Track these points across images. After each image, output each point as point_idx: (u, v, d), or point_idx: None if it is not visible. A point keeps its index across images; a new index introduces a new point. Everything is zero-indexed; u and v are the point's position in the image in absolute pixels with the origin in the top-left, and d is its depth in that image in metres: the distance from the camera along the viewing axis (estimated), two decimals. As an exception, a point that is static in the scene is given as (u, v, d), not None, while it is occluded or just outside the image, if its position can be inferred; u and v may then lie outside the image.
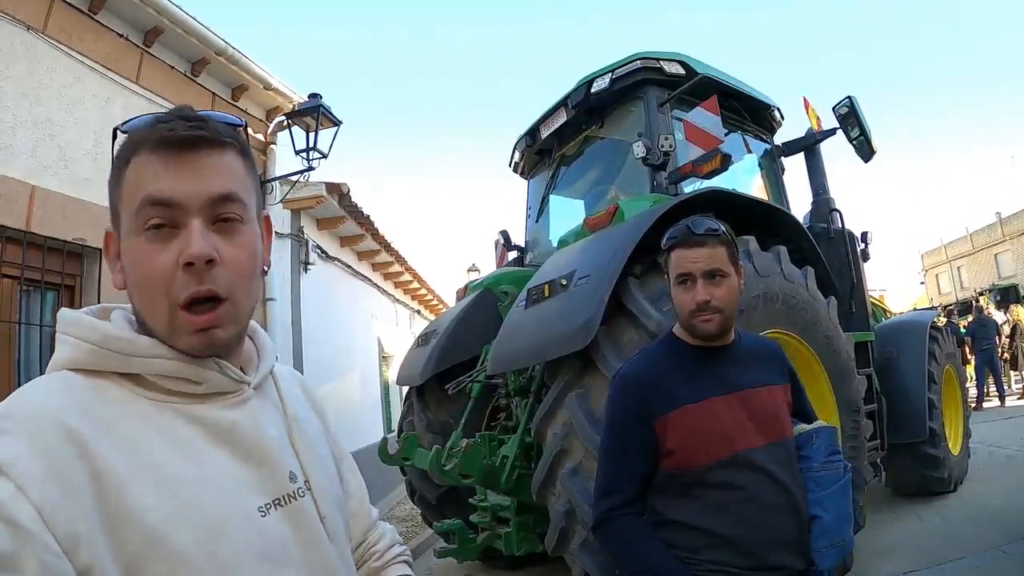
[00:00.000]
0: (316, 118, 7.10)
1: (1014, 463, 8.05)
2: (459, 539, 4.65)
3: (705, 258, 1.96)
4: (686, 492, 1.94)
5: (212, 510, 0.92)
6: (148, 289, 0.96)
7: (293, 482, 1.06)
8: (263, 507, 0.99)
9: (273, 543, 0.97)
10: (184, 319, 0.96)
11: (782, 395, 2.07)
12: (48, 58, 4.94)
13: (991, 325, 15.30)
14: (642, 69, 5.05)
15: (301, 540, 1.02)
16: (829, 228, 5.85)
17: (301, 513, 1.04)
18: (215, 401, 1.02)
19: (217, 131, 1.01)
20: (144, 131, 0.99)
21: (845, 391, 4.46)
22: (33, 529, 0.76)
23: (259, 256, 1.08)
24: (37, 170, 4.72)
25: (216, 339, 0.99)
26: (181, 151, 0.97)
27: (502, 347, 4.19)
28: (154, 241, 0.95)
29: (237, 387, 1.06)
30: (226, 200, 0.99)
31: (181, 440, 0.95)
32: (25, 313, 4.75)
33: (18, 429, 0.83)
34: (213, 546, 0.89)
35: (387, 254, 11.79)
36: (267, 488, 1.01)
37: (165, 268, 0.94)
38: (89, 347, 0.96)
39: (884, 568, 5.02)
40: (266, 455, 1.03)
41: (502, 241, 6.71)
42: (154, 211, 0.95)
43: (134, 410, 0.95)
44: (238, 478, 0.98)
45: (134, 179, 0.97)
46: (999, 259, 41.19)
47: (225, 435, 1.00)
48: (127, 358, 0.96)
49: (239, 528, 0.94)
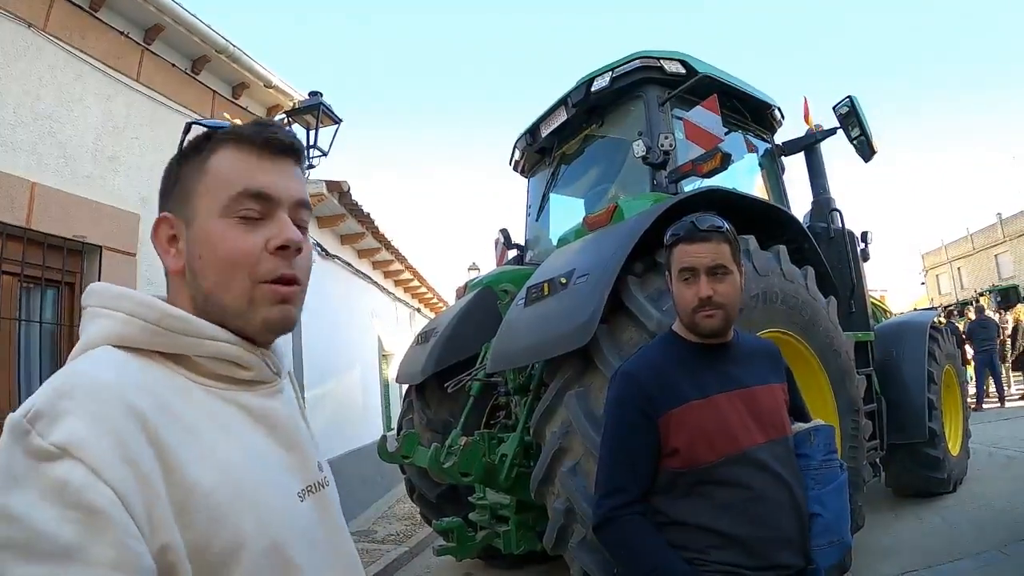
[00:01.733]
0: (316, 116, 7.12)
1: (1014, 464, 8.05)
2: (458, 537, 4.65)
3: (709, 254, 1.95)
4: (691, 491, 1.92)
5: (263, 492, 0.95)
6: (231, 265, 1.02)
7: (321, 471, 1.13)
8: (300, 492, 1.04)
9: (308, 527, 1.02)
10: (268, 289, 1.03)
11: (781, 393, 2.07)
12: (49, 55, 4.95)
13: (991, 325, 15.29)
14: (642, 68, 5.05)
15: (327, 527, 1.08)
16: (829, 228, 5.85)
17: (327, 501, 1.11)
18: (255, 389, 1.07)
19: (302, 148, 1.16)
20: (246, 130, 1.07)
21: (845, 391, 4.45)
22: (112, 512, 0.75)
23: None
24: (38, 167, 4.73)
25: (291, 316, 1.07)
26: (281, 155, 1.08)
27: (501, 345, 4.19)
28: (243, 224, 1.03)
29: (274, 378, 1.11)
30: (304, 206, 1.11)
31: (230, 424, 0.99)
32: (25, 310, 4.76)
33: (80, 409, 0.81)
34: (267, 526, 0.93)
35: (387, 252, 11.79)
36: (301, 475, 1.07)
37: (254, 247, 1.02)
38: (140, 323, 0.97)
39: (883, 568, 5.02)
40: (300, 443, 1.10)
41: (502, 239, 6.71)
42: (251, 202, 1.03)
43: (184, 391, 0.96)
44: (280, 463, 1.04)
45: (227, 169, 1.05)
46: (999, 260, 41.23)
47: (266, 421, 1.05)
48: (178, 337, 0.98)
49: (285, 510, 0.99)
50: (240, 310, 1.02)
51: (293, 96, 7.60)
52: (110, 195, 5.35)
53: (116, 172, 5.46)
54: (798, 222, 5.03)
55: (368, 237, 10.62)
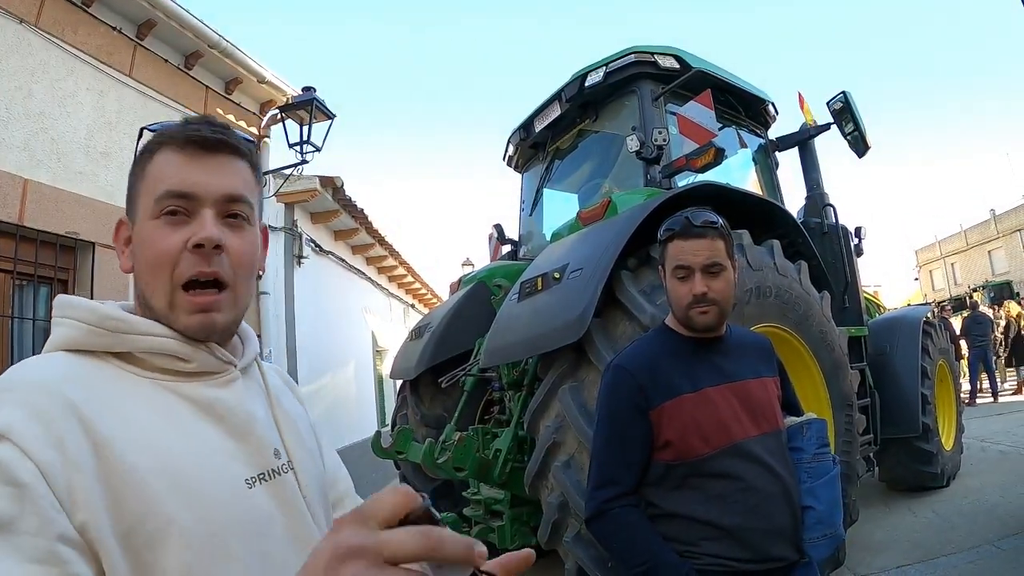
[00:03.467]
0: (310, 111, 7.10)
1: (1007, 459, 8.07)
2: (452, 533, 4.64)
3: (704, 251, 1.96)
4: (684, 483, 1.93)
5: (202, 479, 0.96)
6: (155, 266, 1.04)
7: (278, 458, 1.11)
8: (249, 480, 1.04)
9: (259, 515, 1.02)
10: (183, 299, 1.04)
11: (773, 387, 2.08)
12: (41, 51, 4.93)
13: (985, 321, 15.33)
14: (636, 63, 5.03)
15: (285, 514, 1.07)
16: (823, 223, 5.85)
17: (285, 487, 1.10)
18: (202, 380, 1.08)
19: (236, 140, 1.13)
20: (173, 130, 1.09)
21: (838, 386, 4.46)
22: (34, 484, 0.80)
23: (258, 256, 1.18)
24: (30, 164, 4.71)
25: (215, 323, 1.07)
26: (204, 151, 1.08)
27: (495, 340, 4.19)
28: (168, 225, 1.04)
29: (224, 368, 1.12)
30: (236, 200, 1.10)
31: (171, 414, 1.01)
32: (18, 307, 4.74)
33: (17, 399, 0.87)
34: (203, 513, 0.94)
35: (381, 248, 11.79)
36: (253, 462, 1.06)
37: (174, 248, 1.03)
38: (85, 327, 1.02)
39: (877, 562, 5.04)
40: (251, 430, 1.09)
41: (496, 235, 6.70)
42: (173, 201, 1.05)
43: (126, 385, 1.01)
44: (225, 451, 1.03)
45: (157, 171, 1.07)
46: (993, 256, 41.29)
47: (211, 411, 1.05)
48: (119, 336, 1.02)
49: (226, 498, 0.99)
50: (164, 313, 1.05)
51: (286, 91, 7.58)
52: (103, 191, 5.33)
53: (108, 168, 5.44)
54: (792, 217, 5.04)
55: (362, 233, 10.61)
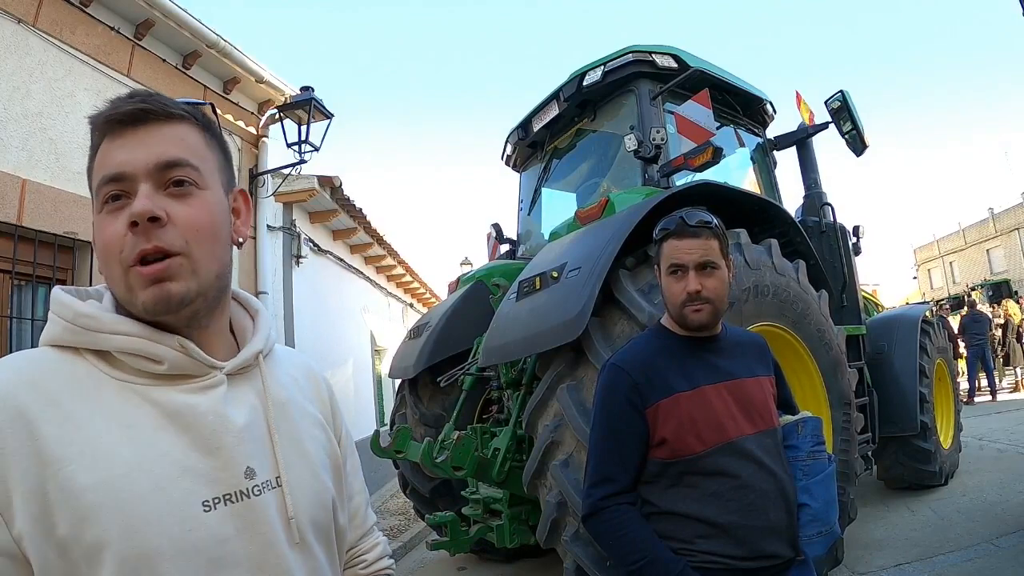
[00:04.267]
0: (308, 111, 7.10)
1: (1004, 457, 8.08)
2: (451, 531, 4.65)
3: (698, 249, 1.97)
4: (679, 481, 1.94)
5: (144, 497, 0.91)
6: (105, 256, 1.00)
7: (249, 478, 1.03)
8: (209, 501, 0.97)
9: (209, 540, 0.95)
10: (135, 272, 0.98)
11: (768, 386, 2.09)
12: (39, 51, 4.92)
13: (984, 320, 15.34)
14: (634, 62, 5.04)
15: (249, 541, 0.99)
16: (821, 222, 5.88)
17: (253, 512, 1.01)
18: (179, 384, 1.02)
19: (163, 104, 1.05)
20: (96, 116, 1.04)
21: (836, 384, 4.47)
22: None
23: (220, 220, 1.08)
24: (28, 163, 4.71)
25: (171, 292, 0.99)
26: (127, 127, 1.02)
27: (494, 339, 4.19)
28: (110, 213, 1.00)
29: (204, 371, 1.05)
30: (173, 165, 1.02)
31: (132, 423, 0.96)
32: (17, 307, 4.74)
33: None
34: (136, 534, 0.89)
35: (380, 247, 11.79)
36: (218, 481, 0.99)
37: (117, 233, 0.98)
38: (63, 323, 1.00)
39: (875, 561, 5.04)
40: (222, 445, 1.01)
41: (494, 234, 6.71)
42: (109, 187, 1.00)
43: (92, 389, 0.97)
44: (186, 468, 0.97)
45: (96, 162, 1.03)
46: (991, 254, 41.31)
47: (179, 420, 0.99)
48: (92, 334, 0.99)
49: (170, 519, 0.92)
50: (126, 299, 1.01)
51: (284, 91, 7.58)
52: (101, 191, 5.31)
53: (107, 168, 5.42)
54: (790, 216, 5.04)
55: (360, 232, 10.61)
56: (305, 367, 1.34)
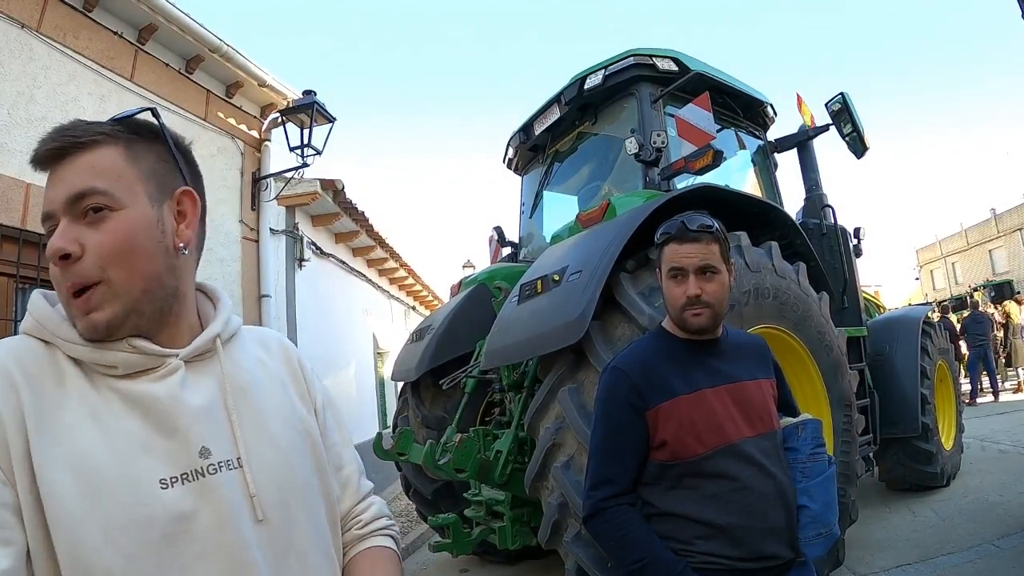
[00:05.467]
0: (310, 115, 7.12)
1: (1007, 458, 8.08)
2: (454, 533, 4.65)
3: (698, 254, 1.99)
4: (679, 483, 1.96)
5: (104, 472, 0.96)
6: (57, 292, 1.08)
7: (204, 457, 1.06)
8: (166, 479, 1.01)
9: (165, 515, 0.99)
10: (72, 304, 1.06)
11: (769, 388, 2.11)
12: (43, 56, 4.95)
13: (985, 321, 15.32)
14: (635, 66, 5.06)
15: (207, 518, 1.03)
16: (822, 224, 5.87)
17: (212, 490, 1.05)
18: (139, 377, 1.08)
19: (73, 136, 1.09)
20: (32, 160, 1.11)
21: (837, 386, 4.47)
22: None
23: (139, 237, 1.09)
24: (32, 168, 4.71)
25: (96, 322, 1.05)
26: (49, 165, 1.09)
27: (495, 342, 4.21)
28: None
29: (159, 362, 1.09)
30: (82, 196, 1.06)
31: (97, 406, 1.02)
32: (21, 311, 4.75)
33: None
34: (95, 504, 0.94)
35: (382, 250, 11.80)
36: (175, 461, 1.03)
37: (55, 274, 1.05)
38: (33, 320, 1.09)
39: (877, 562, 5.05)
40: (177, 427, 1.05)
41: (496, 237, 6.73)
42: (47, 226, 1.08)
43: (62, 375, 1.04)
44: (147, 447, 1.02)
45: None
46: (993, 255, 41.22)
47: (139, 406, 1.04)
48: (54, 338, 1.06)
49: (129, 493, 0.97)
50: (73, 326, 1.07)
51: (287, 95, 7.60)
52: (105, 195, 5.33)
53: (110, 172, 5.44)
54: (790, 218, 5.05)
55: (363, 235, 10.63)
56: (277, 345, 1.38)
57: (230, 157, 7.25)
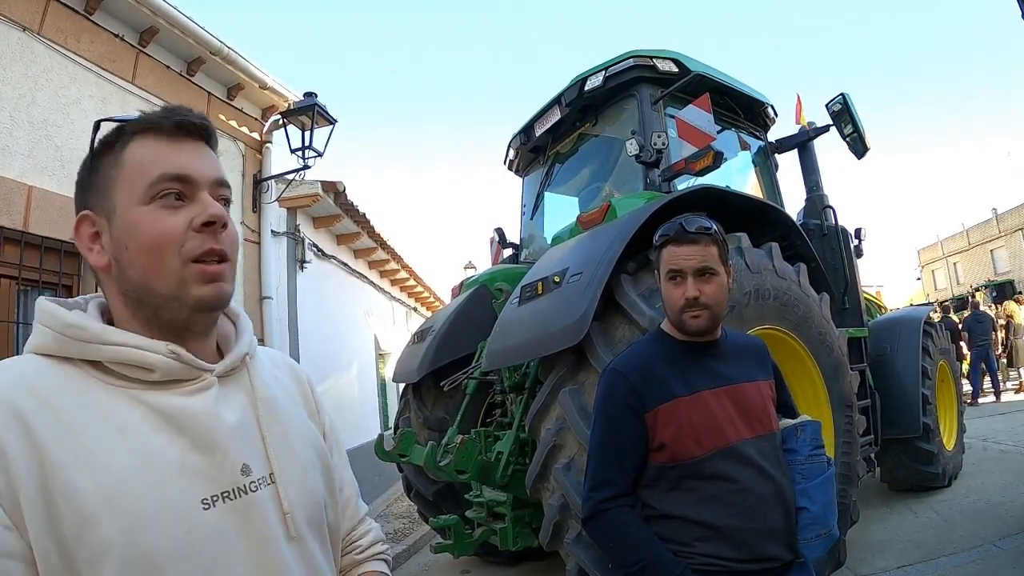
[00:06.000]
0: (311, 117, 7.13)
1: (1008, 458, 8.07)
2: (455, 534, 4.66)
3: (696, 256, 1.99)
4: (678, 485, 1.96)
5: (143, 499, 0.93)
6: (158, 248, 1.03)
7: (246, 475, 1.05)
8: (208, 499, 0.99)
9: (210, 538, 0.97)
10: (197, 269, 1.04)
11: (768, 390, 2.11)
12: (44, 59, 4.96)
13: (987, 321, 15.31)
14: (635, 67, 5.06)
15: (248, 537, 1.02)
16: (823, 224, 5.88)
17: (252, 508, 1.04)
18: (172, 388, 1.05)
19: (214, 129, 1.16)
20: (156, 117, 1.09)
21: (838, 387, 4.47)
22: None
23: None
24: (34, 171, 4.74)
25: (224, 292, 1.09)
26: (190, 136, 1.11)
27: (496, 344, 4.21)
28: (165, 208, 1.05)
29: (195, 374, 1.07)
30: (224, 184, 1.13)
31: (127, 426, 0.97)
32: (23, 313, 4.76)
33: None
34: (137, 535, 0.90)
35: (383, 252, 11.80)
36: (215, 479, 1.01)
37: (178, 227, 1.04)
38: (52, 333, 1.02)
39: (878, 563, 5.05)
40: (217, 444, 1.04)
41: (497, 238, 6.74)
42: (171, 184, 1.05)
43: (83, 394, 0.98)
44: (184, 467, 0.99)
45: (142, 157, 1.06)
46: (995, 255, 41.20)
47: (174, 422, 1.01)
48: (82, 344, 1.01)
49: (170, 519, 0.94)
50: (173, 292, 1.04)
51: (288, 97, 7.61)
52: (106, 197, 5.33)
53: (112, 174, 5.44)
54: (791, 219, 5.05)
55: (364, 237, 10.63)
56: (287, 365, 1.39)
57: (231, 159, 7.26)
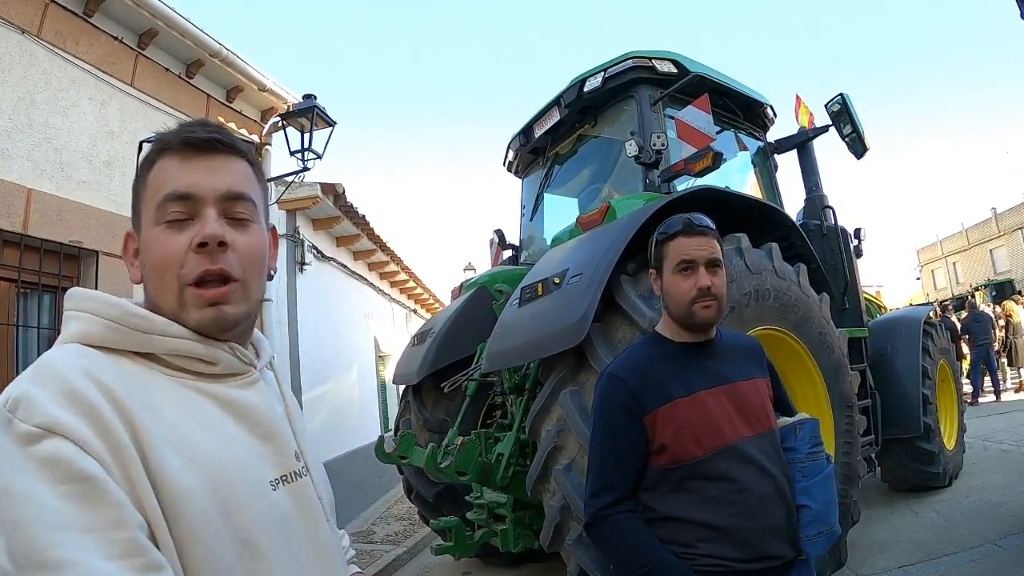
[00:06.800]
0: (311, 119, 7.12)
1: (1009, 458, 8.07)
2: (456, 536, 4.66)
3: (707, 247, 2.03)
4: (679, 486, 1.96)
5: (230, 479, 0.97)
6: (161, 269, 1.04)
7: (298, 460, 1.13)
8: (274, 481, 1.06)
9: (281, 516, 1.04)
10: (193, 294, 1.04)
11: (765, 388, 2.12)
12: (43, 62, 4.96)
13: (987, 320, 15.31)
14: (634, 68, 5.07)
15: (303, 517, 1.09)
16: (822, 225, 5.87)
17: (304, 491, 1.11)
18: (226, 381, 1.10)
19: (231, 139, 1.13)
20: (168, 136, 1.10)
21: (838, 387, 4.47)
22: (101, 476, 0.82)
23: (266, 253, 1.16)
24: (34, 173, 4.74)
25: (226, 315, 1.07)
26: (200, 152, 1.08)
27: (496, 345, 4.21)
28: (172, 229, 1.05)
29: (247, 369, 1.14)
30: (237, 198, 1.10)
31: (199, 412, 1.01)
32: (22, 315, 4.76)
33: (55, 392, 0.86)
34: (230, 513, 0.95)
35: (383, 253, 11.81)
36: (277, 463, 1.08)
37: (178, 249, 1.03)
38: (105, 322, 1.00)
39: (879, 562, 5.05)
40: (276, 432, 1.11)
41: (497, 240, 6.73)
42: (175, 205, 1.05)
43: (149, 381, 1.00)
44: (252, 451, 1.05)
45: (157, 178, 1.07)
46: (994, 254, 41.24)
47: (238, 410, 1.07)
48: (143, 335, 1.01)
49: (254, 498, 1.00)
50: (175, 313, 1.05)
51: (287, 99, 7.60)
52: (106, 200, 5.35)
53: (111, 177, 5.47)
54: (791, 219, 5.05)
55: (363, 239, 10.65)
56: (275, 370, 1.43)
57: (231, 161, 7.24)
